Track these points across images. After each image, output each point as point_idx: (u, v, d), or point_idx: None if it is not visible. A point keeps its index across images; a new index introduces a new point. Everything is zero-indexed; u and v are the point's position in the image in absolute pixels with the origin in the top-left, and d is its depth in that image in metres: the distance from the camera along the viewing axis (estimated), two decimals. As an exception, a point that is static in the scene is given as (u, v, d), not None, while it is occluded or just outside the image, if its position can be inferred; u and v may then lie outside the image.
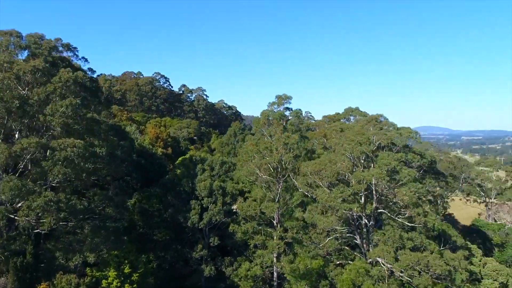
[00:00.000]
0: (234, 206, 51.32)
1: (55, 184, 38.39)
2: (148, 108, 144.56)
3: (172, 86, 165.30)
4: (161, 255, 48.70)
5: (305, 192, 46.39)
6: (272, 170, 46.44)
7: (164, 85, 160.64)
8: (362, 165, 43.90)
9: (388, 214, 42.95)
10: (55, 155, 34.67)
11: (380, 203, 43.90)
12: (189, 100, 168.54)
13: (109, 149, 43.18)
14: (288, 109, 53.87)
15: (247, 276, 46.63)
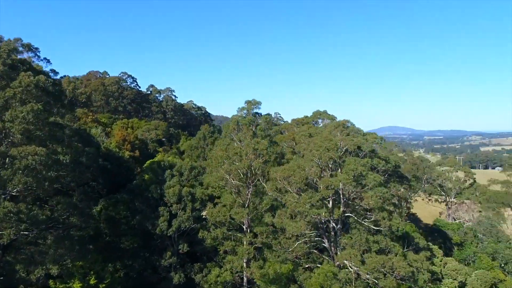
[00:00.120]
0: (204, 212, 50.96)
1: (15, 193, 36.71)
2: (115, 109, 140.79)
3: (140, 87, 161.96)
4: (129, 264, 47.62)
5: (275, 197, 46.77)
6: (242, 176, 46.53)
7: (132, 85, 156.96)
8: (330, 170, 44.80)
9: (355, 218, 44.09)
10: (15, 164, 33.17)
11: (348, 207, 44.98)
12: (158, 101, 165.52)
13: (73, 156, 41.74)
14: (258, 114, 54.11)
15: (217, 283, 46.44)
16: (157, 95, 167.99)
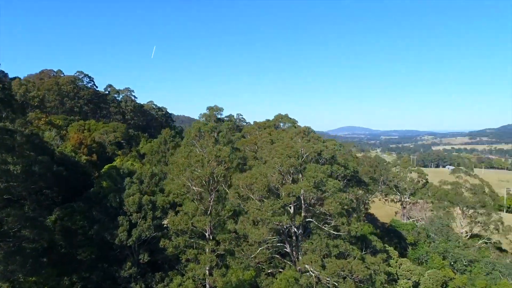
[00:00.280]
0: (165, 221, 50.06)
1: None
2: (70, 110, 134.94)
3: (97, 86, 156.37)
4: (86, 276, 45.77)
5: (237, 204, 46.84)
6: (204, 183, 46.18)
7: (88, 85, 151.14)
8: (292, 177, 45.52)
9: (316, 223, 45.05)
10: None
11: (309, 213, 45.91)
12: (116, 101, 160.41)
13: (25, 166, 39.66)
14: (220, 120, 53.89)
15: (179, 291, 45.81)
16: (116, 95, 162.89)
